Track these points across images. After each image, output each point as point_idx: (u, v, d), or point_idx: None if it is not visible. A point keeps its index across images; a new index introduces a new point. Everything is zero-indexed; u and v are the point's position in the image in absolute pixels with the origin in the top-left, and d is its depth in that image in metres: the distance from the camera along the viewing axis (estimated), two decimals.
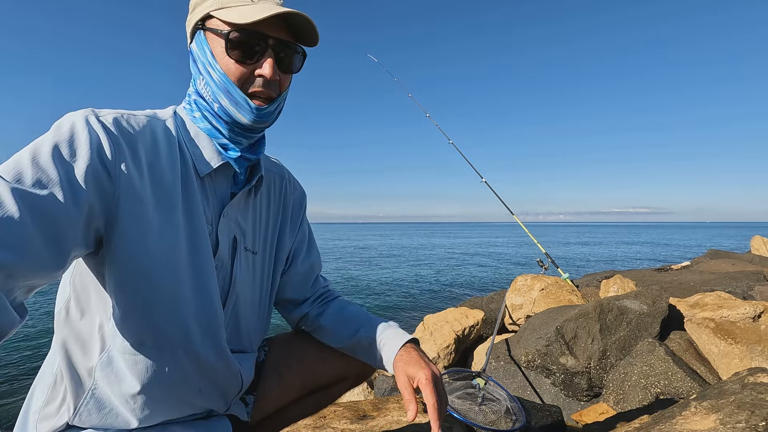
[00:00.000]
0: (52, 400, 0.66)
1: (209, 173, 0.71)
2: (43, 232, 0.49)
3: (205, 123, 0.71)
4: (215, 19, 0.68)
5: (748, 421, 0.91)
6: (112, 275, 0.60)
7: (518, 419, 1.60)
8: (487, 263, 17.61)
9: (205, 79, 0.69)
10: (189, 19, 0.72)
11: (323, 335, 0.93)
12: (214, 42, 0.68)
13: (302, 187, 0.96)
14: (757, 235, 9.17)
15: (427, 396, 0.68)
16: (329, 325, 0.92)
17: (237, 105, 0.67)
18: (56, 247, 0.50)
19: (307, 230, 0.97)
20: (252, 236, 0.79)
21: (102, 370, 0.63)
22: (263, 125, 0.71)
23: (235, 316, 0.77)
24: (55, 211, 0.50)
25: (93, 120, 0.58)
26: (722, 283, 4.30)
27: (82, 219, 0.54)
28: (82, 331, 0.65)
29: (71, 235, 0.52)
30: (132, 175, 0.60)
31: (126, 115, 0.63)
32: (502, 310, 2.87)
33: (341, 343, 0.91)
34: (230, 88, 0.67)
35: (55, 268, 0.51)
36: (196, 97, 0.71)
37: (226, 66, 0.67)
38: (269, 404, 0.90)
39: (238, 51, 0.66)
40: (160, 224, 0.62)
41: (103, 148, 0.57)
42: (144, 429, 0.67)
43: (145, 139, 0.64)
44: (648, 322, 2.37)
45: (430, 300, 9.05)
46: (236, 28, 0.65)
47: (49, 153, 0.52)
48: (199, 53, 0.69)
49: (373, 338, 0.85)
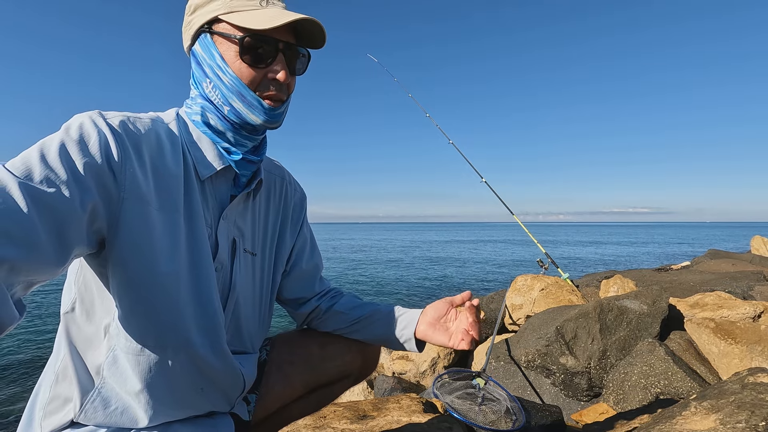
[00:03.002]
0: (57, 397, 0.67)
1: (210, 176, 0.72)
2: (48, 228, 0.49)
3: (205, 127, 0.72)
4: (224, 23, 0.68)
5: (748, 421, 0.91)
6: (115, 277, 0.60)
7: (518, 419, 1.60)
8: (487, 263, 17.61)
9: (213, 82, 0.69)
10: (189, 22, 0.72)
11: (338, 318, 0.96)
12: (224, 46, 0.68)
13: (302, 188, 0.98)
14: (757, 235, 9.18)
15: (470, 310, 0.82)
16: (345, 309, 0.96)
17: (251, 107, 0.69)
18: (60, 243, 0.51)
19: (308, 231, 0.98)
20: (251, 238, 0.80)
21: (109, 369, 0.64)
22: (274, 125, 0.73)
23: (236, 317, 0.78)
24: (61, 208, 0.50)
25: (101, 122, 0.59)
26: (722, 283, 4.30)
27: (86, 217, 0.54)
28: (88, 331, 0.66)
29: (75, 233, 0.53)
30: (137, 177, 0.60)
31: (132, 118, 0.64)
32: (502, 310, 2.87)
33: (361, 312, 0.95)
34: (243, 91, 0.68)
35: (56, 265, 0.51)
36: (202, 101, 0.72)
37: (239, 70, 0.68)
38: (272, 402, 0.91)
39: (251, 55, 0.67)
40: (162, 227, 0.63)
41: (110, 149, 0.58)
42: (148, 428, 0.68)
43: (150, 142, 0.65)
44: (648, 322, 2.37)
45: (430, 300, 9.00)
46: (249, 33, 0.66)
47: (57, 151, 0.53)
48: (206, 56, 0.70)
49: (391, 308, 0.95)
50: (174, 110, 0.74)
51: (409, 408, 1.50)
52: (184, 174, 0.68)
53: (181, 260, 0.65)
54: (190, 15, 0.72)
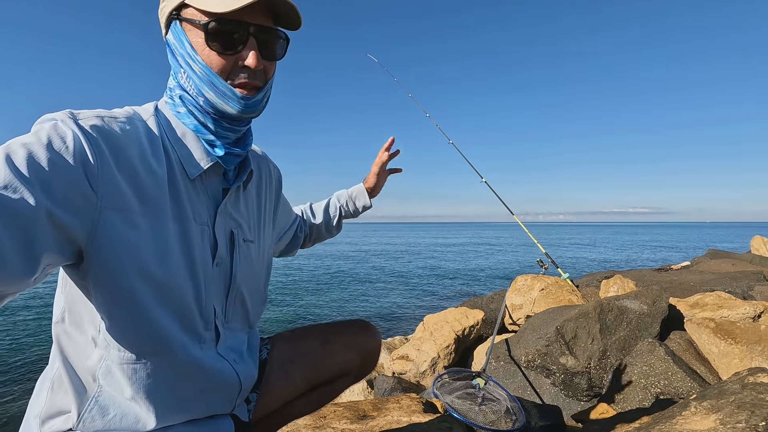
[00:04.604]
0: (54, 407, 0.66)
1: (200, 174, 0.69)
2: (13, 236, 0.46)
3: (191, 119, 0.68)
4: (191, 8, 0.64)
5: (748, 421, 0.91)
6: (99, 289, 0.58)
7: (518, 419, 1.60)
8: (487, 263, 17.61)
9: (186, 72, 0.66)
10: (161, 8, 0.69)
11: (323, 229, 1.19)
12: (192, 32, 0.64)
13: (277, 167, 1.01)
14: (757, 235, 9.17)
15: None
16: (321, 220, 1.19)
17: (223, 96, 0.65)
18: (27, 254, 0.48)
19: (283, 198, 1.03)
20: (247, 226, 0.80)
21: (104, 378, 0.63)
22: (252, 115, 0.69)
23: (241, 302, 0.78)
24: (27, 215, 0.47)
25: (72, 124, 0.55)
26: (722, 283, 4.30)
27: (57, 227, 0.51)
28: (79, 341, 0.64)
29: (44, 243, 0.49)
30: (116, 182, 0.57)
31: (107, 118, 0.59)
32: (502, 310, 2.87)
33: (333, 213, 1.20)
34: (214, 80, 0.64)
35: (24, 276, 0.48)
36: (180, 91, 0.68)
37: (208, 58, 0.64)
38: (273, 400, 0.91)
39: (219, 41, 0.63)
40: (149, 233, 0.60)
41: (85, 154, 0.53)
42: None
43: (129, 143, 0.60)
44: (648, 322, 2.37)
45: (430, 300, 9.06)
46: (214, 18, 0.62)
47: (25, 156, 0.49)
48: (177, 45, 0.66)
49: (344, 194, 1.23)
50: (152, 104, 0.70)
51: (409, 408, 1.50)
52: (168, 174, 0.64)
53: (173, 265, 0.63)
54: (163, 1, 0.68)
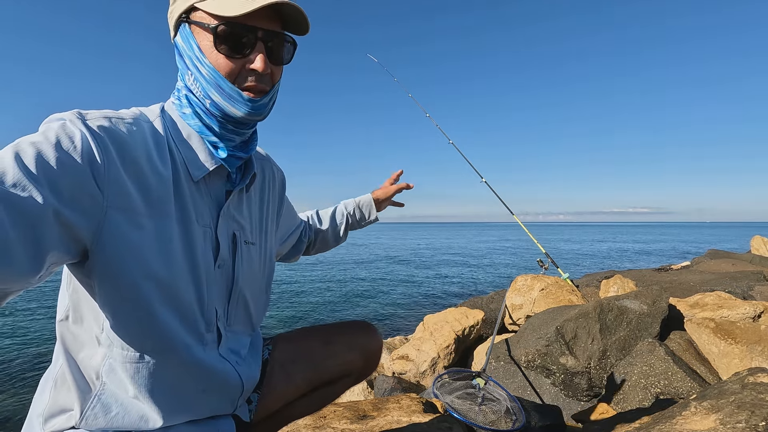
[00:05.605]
0: (57, 404, 0.66)
1: (204, 176, 0.69)
2: (21, 234, 0.46)
3: (195, 120, 0.69)
4: (200, 11, 0.65)
5: (748, 421, 0.91)
6: (103, 288, 0.58)
7: (518, 419, 1.60)
8: (487, 263, 17.61)
9: (193, 74, 0.67)
10: (171, 11, 0.70)
11: (329, 236, 1.20)
12: (201, 35, 0.65)
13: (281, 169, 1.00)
14: (757, 235, 9.17)
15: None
16: (328, 226, 1.19)
17: (230, 99, 0.66)
18: (34, 252, 0.48)
19: (287, 201, 1.02)
20: (250, 228, 0.80)
21: (107, 376, 0.63)
22: (258, 118, 0.70)
23: (243, 304, 0.78)
24: (35, 213, 0.47)
25: (80, 124, 0.55)
26: (722, 283, 4.30)
27: (64, 225, 0.51)
28: (83, 339, 0.65)
29: (51, 242, 0.50)
30: (122, 183, 0.57)
31: (114, 119, 0.60)
32: (502, 310, 2.87)
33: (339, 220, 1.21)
34: (221, 83, 0.65)
35: (30, 274, 0.48)
36: (186, 92, 0.69)
37: (216, 61, 0.64)
38: (274, 401, 0.91)
39: (227, 45, 0.64)
40: (154, 234, 0.61)
41: (92, 154, 0.54)
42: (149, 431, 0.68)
43: (136, 144, 0.61)
44: (648, 322, 2.37)
45: (430, 300, 9.06)
46: (223, 21, 0.63)
47: (34, 155, 0.49)
48: (186, 47, 0.67)
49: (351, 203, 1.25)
50: (158, 105, 0.71)
51: (409, 408, 1.50)
52: (173, 175, 0.65)
53: (176, 266, 0.63)
54: (173, 4, 0.69)
